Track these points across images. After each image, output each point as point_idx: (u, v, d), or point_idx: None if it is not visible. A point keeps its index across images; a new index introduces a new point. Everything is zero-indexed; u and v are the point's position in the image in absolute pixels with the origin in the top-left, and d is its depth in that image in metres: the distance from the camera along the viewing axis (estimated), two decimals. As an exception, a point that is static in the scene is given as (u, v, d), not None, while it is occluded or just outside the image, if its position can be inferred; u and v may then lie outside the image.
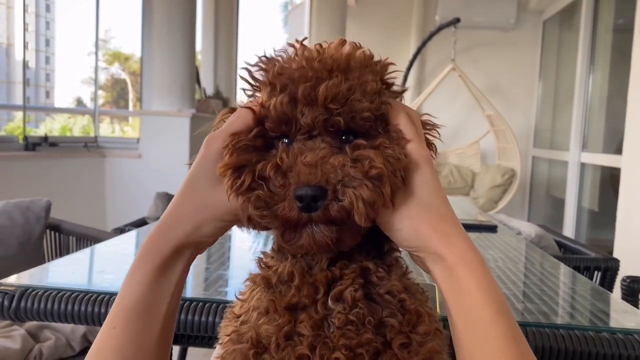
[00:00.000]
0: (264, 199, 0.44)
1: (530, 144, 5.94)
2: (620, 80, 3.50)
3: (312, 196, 0.42)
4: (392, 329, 0.46)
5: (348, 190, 0.43)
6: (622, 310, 1.02)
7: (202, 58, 5.32)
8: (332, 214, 0.43)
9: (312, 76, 0.47)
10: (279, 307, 0.47)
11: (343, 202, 0.43)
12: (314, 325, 0.46)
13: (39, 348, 1.49)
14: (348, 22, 5.76)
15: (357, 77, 0.47)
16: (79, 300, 0.92)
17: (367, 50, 0.51)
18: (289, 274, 0.49)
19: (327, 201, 0.43)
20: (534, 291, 1.10)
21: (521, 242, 1.64)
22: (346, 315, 0.46)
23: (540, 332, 0.87)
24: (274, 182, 0.44)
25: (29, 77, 4.14)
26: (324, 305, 0.47)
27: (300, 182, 0.43)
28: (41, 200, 1.97)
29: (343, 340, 0.45)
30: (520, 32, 5.87)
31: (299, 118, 0.47)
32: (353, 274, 0.48)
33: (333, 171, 0.44)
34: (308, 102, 0.46)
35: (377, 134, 0.48)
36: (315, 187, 0.43)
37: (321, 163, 0.44)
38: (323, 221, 0.44)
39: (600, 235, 4.43)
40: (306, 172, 0.43)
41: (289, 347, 0.45)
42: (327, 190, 0.43)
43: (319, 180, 0.43)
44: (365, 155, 0.45)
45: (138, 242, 1.45)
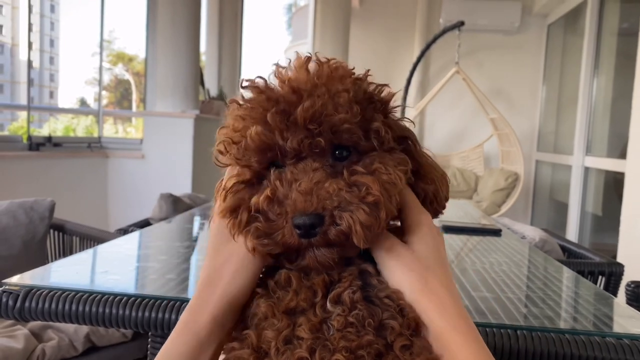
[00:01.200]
0: (262, 230, 0.45)
1: (534, 147, 5.93)
2: (625, 84, 3.50)
3: (310, 224, 0.44)
4: (392, 331, 0.46)
5: (345, 215, 0.44)
6: (628, 316, 1.02)
7: (206, 59, 5.33)
8: (330, 238, 0.44)
9: (281, 100, 0.47)
10: (277, 311, 0.47)
11: (341, 226, 0.44)
12: (313, 328, 0.46)
13: (42, 348, 1.49)
14: (352, 25, 5.76)
15: (326, 92, 0.47)
16: (83, 301, 0.92)
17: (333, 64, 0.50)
18: (286, 279, 0.49)
19: (325, 227, 0.44)
20: (538, 295, 1.09)
21: (525, 246, 1.64)
22: (345, 318, 0.46)
23: (545, 337, 0.86)
24: (271, 212, 0.45)
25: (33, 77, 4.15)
26: (322, 308, 0.47)
27: (297, 211, 0.44)
28: (45, 200, 1.97)
29: (343, 342, 0.44)
30: (525, 35, 5.87)
31: (280, 144, 0.47)
32: (351, 276, 0.48)
33: (329, 197, 0.44)
34: (286, 127, 0.46)
35: (369, 147, 0.48)
36: (312, 215, 0.44)
37: (316, 189, 0.45)
38: (323, 245, 0.45)
39: (603, 240, 4.42)
40: (302, 200, 0.44)
41: (288, 351, 0.45)
42: (324, 217, 0.44)
43: (315, 207, 0.44)
44: (362, 182, 0.46)
45: (141, 243, 1.45)
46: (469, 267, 1.29)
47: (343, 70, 0.50)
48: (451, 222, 1.85)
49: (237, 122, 0.49)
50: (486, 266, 1.30)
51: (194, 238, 1.65)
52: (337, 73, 0.49)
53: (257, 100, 0.49)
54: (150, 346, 1.17)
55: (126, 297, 0.94)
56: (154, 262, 1.21)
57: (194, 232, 1.75)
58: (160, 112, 3.96)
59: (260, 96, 0.48)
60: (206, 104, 4.46)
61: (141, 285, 1.07)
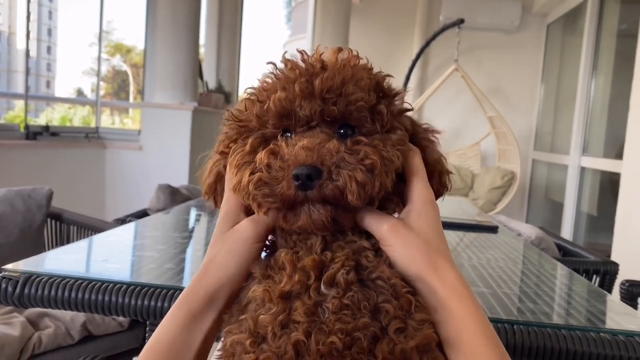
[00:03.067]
0: (264, 180, 0.48)
1: (531, 146, 5.95)
2: (623, 85, 3.51)
3: (307, 175, 0.46)
4: (387, 315, 0.46)
5: (342, 172, 0.47)
6: (623, 313, 1.03)
7: (205, 52, 5.31)
8: (326, 192, 0.47)
9: (307, 73, 0.51)
10: (274, 296, 0.48)
11: (337, 182, 0.47)
12: (307, 311, 0.46)
13: (38, 336, 1.49)
14: (352, 20, 5.75)
15: (351, 73, 0.51)
16: (82, 288, 0.92)
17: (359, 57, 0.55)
18: (281, 264, 0.50)
19: (322, 180, 0.46)
20: (535, 291, 1.10)
21: (521, 244, 1.65)
22: (340, 300, 0.46)
23: (542, 332, 0.87)
24: (274, 166, 0.48)
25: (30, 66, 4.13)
26: (316, 290, 0.48)
27: (298, 163, 0.47)
28: (43, 189, 1.97)
29: (339, 324, 0.45)
30: (524, 34, 5.88)
31: (297, 111, 0.51)
32: (343, 256, 0.49)
33: (328, 154, 0.47)
34: (305, 95, 0.50)
35: (374, 130, 0.52)
36: (310, 167, 0.46)
37: (318, 147, 0.48)
38: (318, 200, 0.47)
39: (597, 240, 4.45)
40: (303, 154, 0.47)
41: (285, 335, 0.45)
42: (322, 171, 0.47)
43: (314, 161, 0.47)
44: (361, 148, 0.49)
45: (139, 233, 1.45)
46: (466, 262, 1.30)
47: (366, 65, 0.54)
48: (448, 218, 1.85)
49: (265, 85, 0.54)
50: (483, 262, 1.31)
51: (191, 229, 1.66)
52: (362, 63, 0.54)
53: (287, 70, 0.53)
54: (147, 335, 1.17)
55: (125, 285, 0.94)
56: (152, 252, 1.22)
57: (191, 224, 1.75)
58: (159, 103, 3.95)
59: (291, 69, 0.52)
60: (204, 96, 4.45)
61: (139, 273, 1.07)
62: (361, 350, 0.45)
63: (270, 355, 0.45)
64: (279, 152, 0.49)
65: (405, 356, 0.45)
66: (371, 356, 0.45)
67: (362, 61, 0.54)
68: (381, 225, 0.51)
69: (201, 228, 1.69)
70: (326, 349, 0.44)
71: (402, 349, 0.45)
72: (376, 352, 0.45)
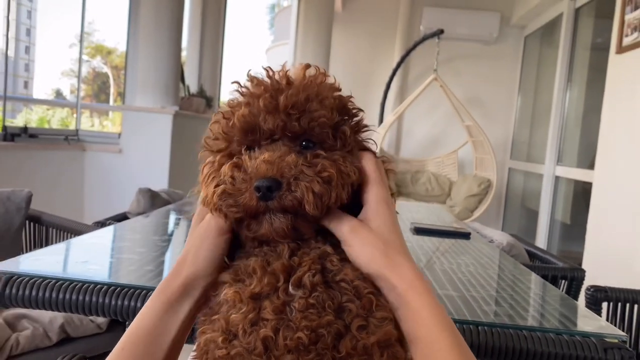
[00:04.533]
0: (228, 192, 0.52)
1: (507, 155, 6.06)
2: (596, 97, 3.61)
3: (267, 187, 0.50)
4: (350, 313, 0.50)
5: (300, 183, 0.51)
6: (582, 316, 1.08)
7: (187, 56, 5.32)
8: (285, 203, 0.50)
9: (272, 89, 0.55)
10: (244, 297, 0.51)
11: (295, 193, 0.50)
12: (276, 309, 0.50)
13: (15, 337, 1.50)
14: (334, 28, 5.81)
15: (316, 91, 0.55)
16: (63, 289, 0.95)
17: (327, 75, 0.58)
18: (252, 269, 0.53)
19: (282, 192, 0.50)
20: (501, 295, 1.15)
21: (493, 250, 1.70)
22: (306, 300, 0.50)
23: (504, 333, 0.92)
24: (237, 179, 0.52)
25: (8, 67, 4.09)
26: (285, 291, 0.51)
27: (259, 176, 0.50)
28: (22, 191, 1.97)
29: (305, 322, 0.49)
30: (502, 46, 6.00)
31: (261, 125, 0.54)
32: (310, 260, 0.53)
33: (287, 167, 0.51)
34: (269, 110, 0.54)
35: (334, 147, 0.56)
36: (271, 179, 0.50)
37: (278, 161, 0.51)
38: (279, 209, 0.51)
39: (571, 247, 4.55)
40: (264, 167, 0.51)
41: (254, 332, 0.49)
42: (281, 183, 0.50)
43: (274, 173, 0.50)
44: (319, 162, 0.53)
45: (119, 236, 1.47)
46: (438, 267, 1.35)
47: (333, 84, 0.58)
48: (422, 225, 1.90)
49: (232, 103, 0.57)
50: (454, 267, 1.36)
51: (170, 232, 1.68)
52: (329, 83, 0.58)
53: (252, 87, 0.56)
54: (126, 336, 1.19)
55: (105, 285, 0.96)
56: (132, 254, 1.24)
57: (170, 227, 1.77)
58: (140, 107, 3.95)
59: (256, 85, 0.56)
60: (186, 100, 4.46)
61: (119, 275, 1.10)
62: (326, 345, 0.49)
63: (241, 350, 0.49)
64: (242, 166, 0.53)
65: (366, 351, 0.49)
66: (335, 351, 0.49)
67: (329, 79, 0.58)
68: (342, 226, 0.55)
69: (180, 232, 1.71)
70: (293, 344, 0.48)
71: (364, 345, 0.49)
72: (340, 348, 0.49)
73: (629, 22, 3.08)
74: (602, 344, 0.91)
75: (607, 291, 1.66)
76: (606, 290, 1.66)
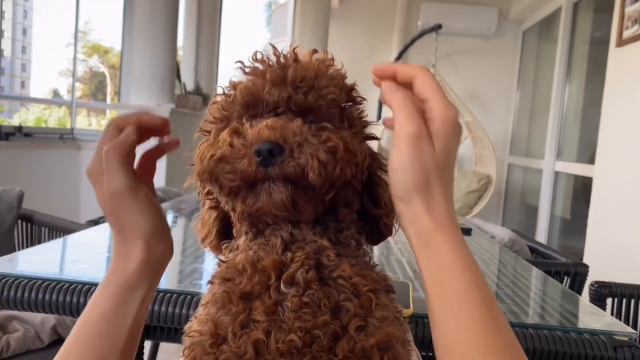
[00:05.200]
0: (226, 157, 0.47)
1: (507, 151, 6.03)
2: (595, 91, 3.58)
3: (269, 150, 0.45)
4: (347, 313, 0.46)
5: (305, 150, 0.46)
6: (589, 312, 1.05)
7: (183, 54, 5.28)
8: (287, 170, 0.46)
9: (278, 64, 0.51)
10: (234, 297, 0.48)
11: (299, 160, 0.46)
12: (267, 310, 0.46)
13: (6, 339, 1.46)
14: (331, 24, 5.77)
15: (325, 69, 0.52)
16: (50, 289, 0.91)
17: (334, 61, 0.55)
18: (242, 267, 0.50)
19: (284, 157, 0.46)
20: (505, 292, 1.12)
21: (495, 246, 1.67)
22: (299, 298, 0.46)
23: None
24: (236, 144, 0.47)
25: (4, 66, 4.06)
26: (276, 290, 0.48)
27: (260, 140, 0.46)
28: (14, 190, 1.94)
29: (298, 322, 0.45)
30: (500, 40, 5.96)
31: (265, 97, 0.50)
32: (303, 255, 0.49)
33: (292, 133, 0.47)
34: (275, 83, 0.50)
35: (341, 127, 0.51)
36: (272, 142, 0.46)
37: (281, 126, 0.47)
38: (279, 177, 0.46)
39: (571, 243, 4.53)
40: (266, 131, 0.46)
41: (244, 335, 0.45)
42: (284, 148, 0.46)
43: (277, 138, 0.46)
44: (325, 133, 0.48)
45: (110, 234, 1.44)
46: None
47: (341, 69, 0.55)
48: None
49: (234, 82, 0.53)
50: (455, 263, 1.32)
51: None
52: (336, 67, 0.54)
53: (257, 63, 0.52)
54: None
55: (95, 286, 0.93)
56: (125, 253, 1.20)
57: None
58: (136, 105, 3.91)
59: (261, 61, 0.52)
60: (182, 98, 4.42)
61: (111, 275, 1.06)
62: (321, 348, 0.45)
63: (230, 355, 0.45)
64: (242, 133, 0.48)
65: (365, 354, 0.45)
66: (332, 354, 0.45)
67: (337, 64, 0.55)
68: (410, 124, 0.47)
69: (177, 229, 1.67)
70: (285, 347, 0.44)
71: (363, 347, 0.45)
72: (336, 350, 0.45)
73: (629, 14, 3.04)
74: (611, 342, 0.88)
75: (611, 287, 1.62)
76: (610, 285, 1.62)
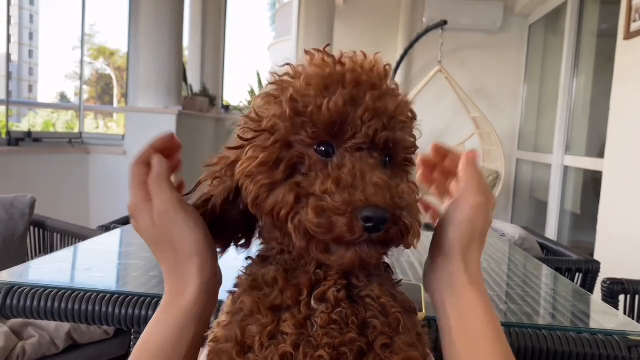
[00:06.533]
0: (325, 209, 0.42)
1: (515, 146, 6.00)
2: (604, 84, 3.55)
3: (382, 219, 0.42)
4: (374, 330, 0.47)
5: (407, 215, 0.44)
6: (602, 312, 1.04)
7: (189, 55, 5.29)
8: (390, 236, 0.44)
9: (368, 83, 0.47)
10: (263, 307, 0.47)
11: (399, 226, 0.44)
12: (297, 324, 0.46)
13: (22, 346, 1.48)
14: (336, 22, 5.76)
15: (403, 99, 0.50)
16: (65, 298, 0.92)
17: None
18: (272, 279, 0.49)
19: (390, 224, 0.43)
20: (517, 292, 1.12)
21: (505, 244, 1.66)
22: (329, 315, 0.46)
23: (523, 333, 0.89)
24: (334, 197, 0.43)
25: (12, 71, 4.08)
26: (307, 305, 0.47)
27: (371, 203, 0.42)
28: (25, 197, 1.95)
29: (326, 339, 0.45)
30: (507, 35, 5.92)
31: (357, 124, 0.45)
32: (336, 275, 0.48)
33: (399, 197, 0.44)
34: (374, 112, 0.45)
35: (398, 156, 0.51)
36: (384, 210, 0.42)
37: (391, 188, 0.44)
38: (379, 242, 0.44)
39: (581, 238, 4.50)
40: (375, 193, 0.42)
41: (272, 346, 0.45)
42: (393, 215, 0.43)
43: (387, 203, 0.42)
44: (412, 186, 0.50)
45: (123, 240, 1.44)
46: (450, 264, 1.31)
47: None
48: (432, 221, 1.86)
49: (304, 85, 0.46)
50: (466, 263, 1.32)
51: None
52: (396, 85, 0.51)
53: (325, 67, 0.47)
54: (132, 343, 1.17)
55: (109, 294, 0.94)
56: (136, 260, 1.21)
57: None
58: (143, 108, 3.93)
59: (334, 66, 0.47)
60: (189, 100, 4.43)
61: (123, 282, 1.07)
62: None
63: None
64: (341, 182, 0.43)
65: None
66: None
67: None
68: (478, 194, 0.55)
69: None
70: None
71: None
72: None
73: (637, 7, 3.01)
74: (625, 342, 0.87)
75: (623, 283, 1.61)
76: (623, 282, 1.62)
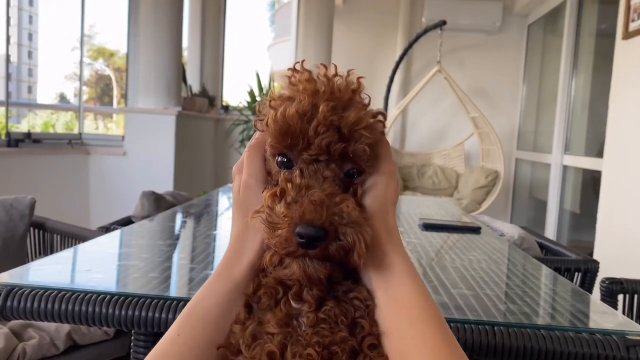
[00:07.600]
0: (265, 223, 0.45)
1: (514, 146, 6.01)
2: (602, 84, 3.56)
3: (314, 237, 0.42)
4: (362, 330, 0.47)
5: (350, 232, 0.43)
6: (601, 312, 1.05)
7: (189, 56, 5.29)
8: (330, 252, 0.43)
9: (327, 95, 0.47)
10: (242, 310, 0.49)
11: (343, 242, 0.43)
12: (280, 322, 0.47)
13: (22, 347, 1.48)
14: (335, 23, 5.77)
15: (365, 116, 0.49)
16: (65, 299, 0.92)
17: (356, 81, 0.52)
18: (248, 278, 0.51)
19: (328, 241, 0.43)
20: (516, 292, 1.12)
21: (504, 244, 1.67)
22: (315, 314, 0.47)
23: (521, 333, 0.89)
24: (276, 212, 0.44)
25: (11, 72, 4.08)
26: (285, 304, 0.48)
27: (305, 220, 0.42)
28: (25, 198, 1.95)
29: (316, 337, 0.46)
30: (506, 35, 5.93)
31: (310, 135, 0.46)
32: None
33: (339, 214, 0.43)
34: (326, 123, 0.46)
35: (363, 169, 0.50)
36: (319, 228, 0.42)
37: (328, 202, 0.43)
38: (318, 257, 0.44)
39: (581, 237, 4.50)
40: (312, 210, 0.42)
41: (258, 347, 0.46)
42: (328, 232, 0.42)
43: (323, 221, 0.42)
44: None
45: (123, 241, 1.45)
46: (449, 264, 1.32)
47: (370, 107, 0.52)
48: (431, 220, 1.87)
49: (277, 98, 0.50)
50: (465, 263, 1.33)
51: (176, 236, 1.65)
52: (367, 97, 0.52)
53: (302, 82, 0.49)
54: (132, 344, 1.17)
55: (109, 295, 0.94)
56: (137, 261, 1.21)
57: (176, 230, 1.75)
58: (142, 108, 3.93)
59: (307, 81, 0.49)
60: (188, 100, 4.44)
61: (123, 283, 1.07)
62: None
63: None
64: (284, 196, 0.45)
65: None
66: None
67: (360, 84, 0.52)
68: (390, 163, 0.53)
69: (186, 234, 1.69)
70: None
71: None
72: None
73: (635, 7, 3.02)
74: (623, 341, 0.88)
75: (622, 283, 1.62)
76: (622, 282, 1.62)
